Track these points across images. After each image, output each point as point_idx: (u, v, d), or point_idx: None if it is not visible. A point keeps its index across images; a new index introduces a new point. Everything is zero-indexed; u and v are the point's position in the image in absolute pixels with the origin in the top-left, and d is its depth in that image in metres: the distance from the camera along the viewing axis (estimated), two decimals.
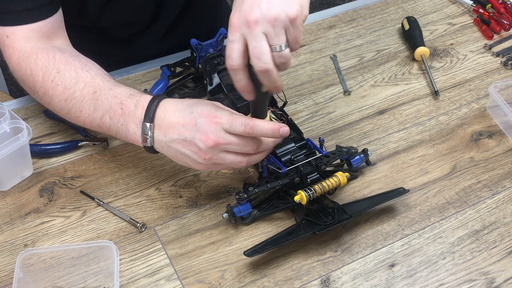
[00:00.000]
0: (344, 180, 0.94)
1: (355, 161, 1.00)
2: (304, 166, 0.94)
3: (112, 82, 0.94)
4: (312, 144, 0.97)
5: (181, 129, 0.85)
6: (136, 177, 1.03)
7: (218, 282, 0.88)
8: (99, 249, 0.90)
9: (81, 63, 0.96)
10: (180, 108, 0.87)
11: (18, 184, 1.01)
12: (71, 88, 0.94)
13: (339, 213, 0.93)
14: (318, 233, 0.90)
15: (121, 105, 0.90)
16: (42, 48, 0.98)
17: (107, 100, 0.91)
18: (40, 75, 0.96)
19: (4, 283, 0.88)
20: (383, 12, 1.39)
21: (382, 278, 0.89)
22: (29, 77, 0.97)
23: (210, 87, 1.08)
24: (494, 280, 0.89)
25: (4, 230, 0.95)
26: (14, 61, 0.99)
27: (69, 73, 0.94)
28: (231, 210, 0.92)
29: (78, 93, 0.93)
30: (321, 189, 0.92)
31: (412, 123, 1.13)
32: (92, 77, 0.94)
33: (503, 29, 1.34)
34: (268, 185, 0.92)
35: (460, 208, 0.98)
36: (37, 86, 0.97)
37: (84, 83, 0.93)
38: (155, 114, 0.87)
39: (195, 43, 1.10)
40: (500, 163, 1.06)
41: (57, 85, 0.95)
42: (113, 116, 0.90)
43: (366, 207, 0.95)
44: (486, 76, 1.23)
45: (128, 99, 0.90)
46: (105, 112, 0.91)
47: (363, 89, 1.20)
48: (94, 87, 0.93)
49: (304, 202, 0.91)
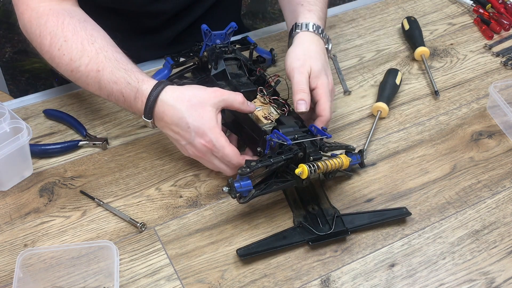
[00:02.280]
0: (346, 163, 0.94)
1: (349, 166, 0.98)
2: (308, 143, 0.93)
3: (113, 60, 0.98)
4: (316, 128, 0.97)
5: (178, 131, 0.95)
6: (136, 177, 1.03)
7: (218, 282, 0.88)
8: (99, 249, 0.90)
9: (87, 34, 1.00)
10: (177, 116, 0.93)
11: (18, 184, 1.01)
12: (77, 61, 0.99)
13: (337, 224, 0.93)
14: (313, 244, 0.91)
15: (122, 93, 0.97)
16: (53, 11, 1.02)
17: (109, 84, 0.97)
18: (48, 39, 1.01)
19: (4, 283, 0.88)
20: (383, 12, 1.39)
21: (382, 278, 0.89)
22: (37, 37, 1.02)
23: (215, 71, 1.07)
24: (494, 280, 0.89)
25: (4, 230, 0.95)
26: (26, 18, 1.03)
27: (75, 45, 0.99)
28: (232, 184, 0.89)
29: (83, 67, 0.99)
30: (324, 166, 0.91)
31: (412, 123, 1.13)
32: (96, 52, 0.98)
33: (503, 29, 1.34)
34: (271, 159, 0.90)
35: (460, 208, 0.98)
36: (44, 49, 1.02)
37: (89, 58, 0.98)
38: (153, 112, 0.94)
39: (205, 28, 1.09)
40: (500, 163, 1.06)
41: (63, 55, 1.00)
42: (117, 99, 0.99)
43: (365, 223, 0.95)
44: (486, 76, 1.23)
45: (128, 89, 0.96)
46: (109, 94, 0.99)
47: (363, 89, 1.20)
48: (98, 65, 0.98)
49: (305, 175, 0.89)
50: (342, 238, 0.93)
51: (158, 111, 0.94)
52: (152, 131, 1.10)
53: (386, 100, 1.13)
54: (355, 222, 0.94)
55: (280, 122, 0.99)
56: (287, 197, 0.98)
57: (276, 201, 0.99)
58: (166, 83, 0.96)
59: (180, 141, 0.96)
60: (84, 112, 1.13)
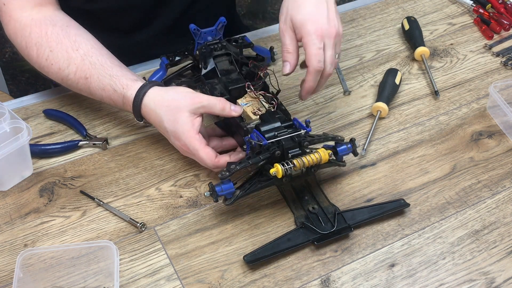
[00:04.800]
0: (325, 157, 0.91)
1: (341, 150, 0.98)
2: (286, 140, 0.92)
3: (98, 66, 1.00)
4: (298, 123, 0.95)
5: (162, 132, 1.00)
6: (136, 177, 1.03)
7: (218, 282, 0.88)
8: (99, 249, 0.90)
9: (71, 40, 1.02)
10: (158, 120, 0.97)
11: (18, 184, 1.01)
12: (65, 69, 1.02)
13: (338, 221, 0.93)
14: (318, 244, 0.91)
15: (111, 99, 1.01)
16: (35, 21, 1.03)
17: (98, 91, 1.01)
18: (35, 50, 1.03)
19: (4, 283, 0.88)
20: (383, 12, 1.39)
21: (382, 278, 0.89)
22: (24, 49, 1.05)
23: (204, 71, 1.08)
24: (494, 280, 0.89)
25: (4, 230, 0.95)
26: (11, 29, 1.05)
27: (61, 54, 1.02)
28: (212, 188, 0.90)
29: (72, 76, 1.02)
30: (300, 163, 0.90)
31: (412, 123, 1.13)
32: (82, 59, 1.01)
33: (503, 29, 1.34)
34: (249, 161, 0.90)
35: (460, 208, 0.98)
36: (32, 60, 1.05)
37: (76, 66, 1.01)
38: (141, 114, 1.00)
39: (193, 28, 1.10)
40: (500, 163, 1.06)
41: (51, 64, 1.03)
42: (109, 103, 1.03)
43: (366, 218, 0.95)
44: (486, 76, 1.23)
45: (115, 96, 1.00)
46: (101, 99, 1.03)
47: (363, 89, 1.20)
48: (85, 72, 1.01)
49: (280, 175, 0.88)
50: (345, 236, 0.93)
51: (144, 114, 0.99)
52: (152, 131, 1.10)
53: (385, 100, 1.13)
54: (356, 218, 0.95)
55: (262, 120, 0.97)
56: (286, 198, 0.98)
57: (276, 201, 0.99)
58: (149, 86, 0.98)
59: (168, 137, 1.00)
60: (84, 112, 1.13)
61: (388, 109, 1.13)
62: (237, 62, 1.09)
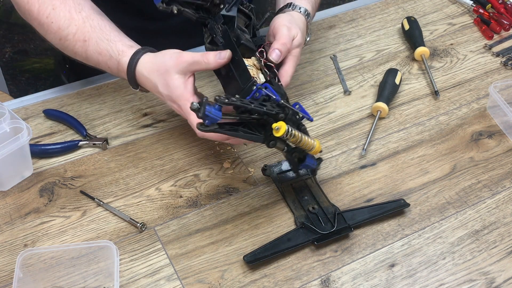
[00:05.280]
0: (318, 148, 0.92)
1: (309, 160, 0.95)
2: (292, 112, 0.89)
3: (98, 29, 1.00)
4: (300, 107, 0.93)
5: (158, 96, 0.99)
6: (136, 177, 1.03)
7: (218, 282, 0.88)
8: (99, 249, 0.90)
9: (75, 2, 1.02)
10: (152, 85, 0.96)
11: (18, 184, 1.01)
12: (65, 30, 1.01)
13: (338, 221, 0.93)
14: (318, 244, 0.91)
15: (107, 65, 1.01)
16: None
17: (95, 55, 1.00)
18: (36, 6, 1.02)
19: (4, 283, 0.88)
20: (383, 12, 1.39)
21: (382, 278, 0.89)
22: (25, 4, 1.03)
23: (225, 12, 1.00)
24: (494, 280, 0.89)
25: (4, 230, 0.95)
26: None
27: (63, 13, 1.01)
28: (204, 103, 0.80)
29: (71, 37, 1.01)
30: (299, 137, 0.87)
31: (412, 123, 1.13)
32: (83, 21, 1.00)
33: (503, 29, 1.34)
34: (252, 104, 0.85)
35: (460, 208, 0.98)
36: (32, 16, 1.03)
37: (76, 27, 1.00)
38: (136, 81, 0.99)
39: None
40: (500, 163, 1.06)
41: (51, 23, 1.01)
42: (105, 69, 1.03)
43: (366, 218, 0.95)
44: (486, 76, 1.23)
45: (110, 62, 0.99)
46: (96, 64, 1.02)
47: (363, 89, 1.20)
48: (84, 35, 1.00)
49: (281, 133, 0.85)
50: (345, 236, 0.93)
51: (139, 81, 0.98)
52: (152, 131, 1.10)
53: (385, 100, 1.13)
54: (356, 218, 0.95)
55: (271, 83, 0.93)
56: (285, 198, 0.99)
57: (276, 201, 0.99)
58: (142, 52, 0.97)
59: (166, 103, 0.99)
60: (84, 112, 1.13)
61: (388, 109, 1.13)
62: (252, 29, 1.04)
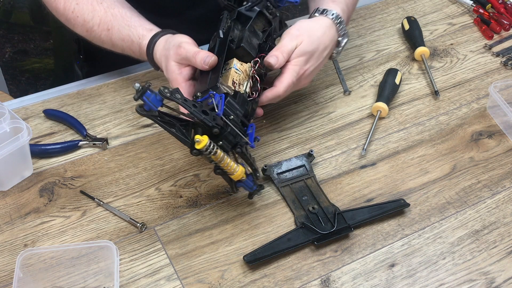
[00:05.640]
0: (238, 175, 0.90)
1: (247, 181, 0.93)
2: (232, 131, 0.87)
3: (119, 17, 1.06)
4: (252, 131, 0.92)
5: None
6: (136, 177, 1.03)
7: (218, 282, 0.88)
8: (99, 249, 0.90)
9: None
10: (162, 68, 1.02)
11: (18, 184, 1.01)
12: (90, 22, 1.08)
13: (338, 221, 0.93)
14: (318, 244, 0.91)
15: (131, 50, 1.07)
16: None
17: (119, 42, 1.07)
18: (62, 4, 1.09)
19: (4, 283, 0.88)
20: (383, 12, 1.39)
21: (382, 278, 0.89)
22: (52, 2, 1.11)
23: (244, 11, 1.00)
24: (494, 280, 0.89)
25: (4, 230, 0.95)
26: None
27: (86, 6, 1.07)
28: (145, 88, 0.82)
29: (96, 27, 1.07)
30: (220, 158, 0.86)
31: (412, 123, 1.13)
32: (105, 11, 1.07)
33: (503, 29, 1.34)
34: (192, 108, 0.84)
35: (460, 208, 0.98)
36: (59, 13, 1.11)
37: (99, 18, 1.07)
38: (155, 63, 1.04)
39: None
40: (500, 163, 1.06)
41: (77, 17, 1.08)
42: (130, 54, 1.08)
43: (366, 218, 0.95)
44: (486, 76, 1.23)
45: (133, 47, 1.06)
46: (122, 50, 1.08)
47: (363, 89, 1.20)
48: (107, 24, 1.06)
49: (200, 146, 0.84)
50: (345, 236, 0.93)
51: (157, 63, 1.03)
52: (152, 131, 1.10)
53: (385, 100, 1.13)
54: (356, 218, 0.95)
55: (234, 96, 0.92)
56: (285, 198, 0.99)
57: (276, 201, 0.99)
58: (160, 35, 1.02)
59: None
60: (84, 112, 1.13)
61: (388, 109, 1.13)
62: (267, 36, 1.02)
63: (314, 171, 1.03)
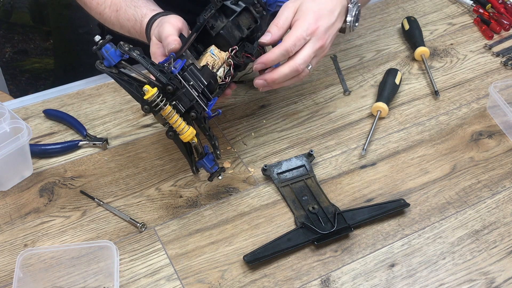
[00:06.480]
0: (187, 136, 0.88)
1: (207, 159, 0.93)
2: (188, 92, 0.87)
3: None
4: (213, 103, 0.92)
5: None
6: (136, 177, 1.03)
7: (218, 282, 0.88)
8: (99, 249, 0.90)
9: None
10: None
11: (18, 184, 1.01)
12: (102, 4, 1.11)
13: (338, 221, 0.93)
14: (318, 244, 0.91)
15: (135, 29, 1.08)
16: None
17: (126, 22, 1.09)
18: None
19: (4, 283, 0.88)
20: (383, 12, 1.39)
21: (382, 278, 0.89)
22: None
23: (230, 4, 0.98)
24: (494, 280, 0.89)
25: (4, 230, 0.95)
26: None
27: None
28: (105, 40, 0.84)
29: (107, 10, 1.11)
30: (170, 115, 0.86)
31: (412, 123, 1.13)
32: None
33: (503, 29, 1.34)
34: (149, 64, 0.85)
35: (460, 208, 0.98)
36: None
37: (110, 0, 1.10)
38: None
39: None
40: (500, 163, 1.06)
41: (92, 0, 1.13)
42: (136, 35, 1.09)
43: (366, 218, 0.95)
44: (486, 76, 1.23)
45: (136, 26, 1.07)
46: (129, 31, 1.10)
47: (363, 89, 1.20)
48: (116, 5, 1.10)
49: (147, 96, 0.84)
50: (345, 236, 0.93)
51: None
52: (152, 131, 1.10)
53: (385, 100, 1.13)
54: (356, 218, 0.95)
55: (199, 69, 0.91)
56: (285, 198, 0.99)
57: (276, 201, 0.99)
58: (160, 15, 1.02)
59: None
60: (84, 112, 1.14)
61: (388, 109, 1.13)
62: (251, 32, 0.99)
63: (314, 171, 1.03)
